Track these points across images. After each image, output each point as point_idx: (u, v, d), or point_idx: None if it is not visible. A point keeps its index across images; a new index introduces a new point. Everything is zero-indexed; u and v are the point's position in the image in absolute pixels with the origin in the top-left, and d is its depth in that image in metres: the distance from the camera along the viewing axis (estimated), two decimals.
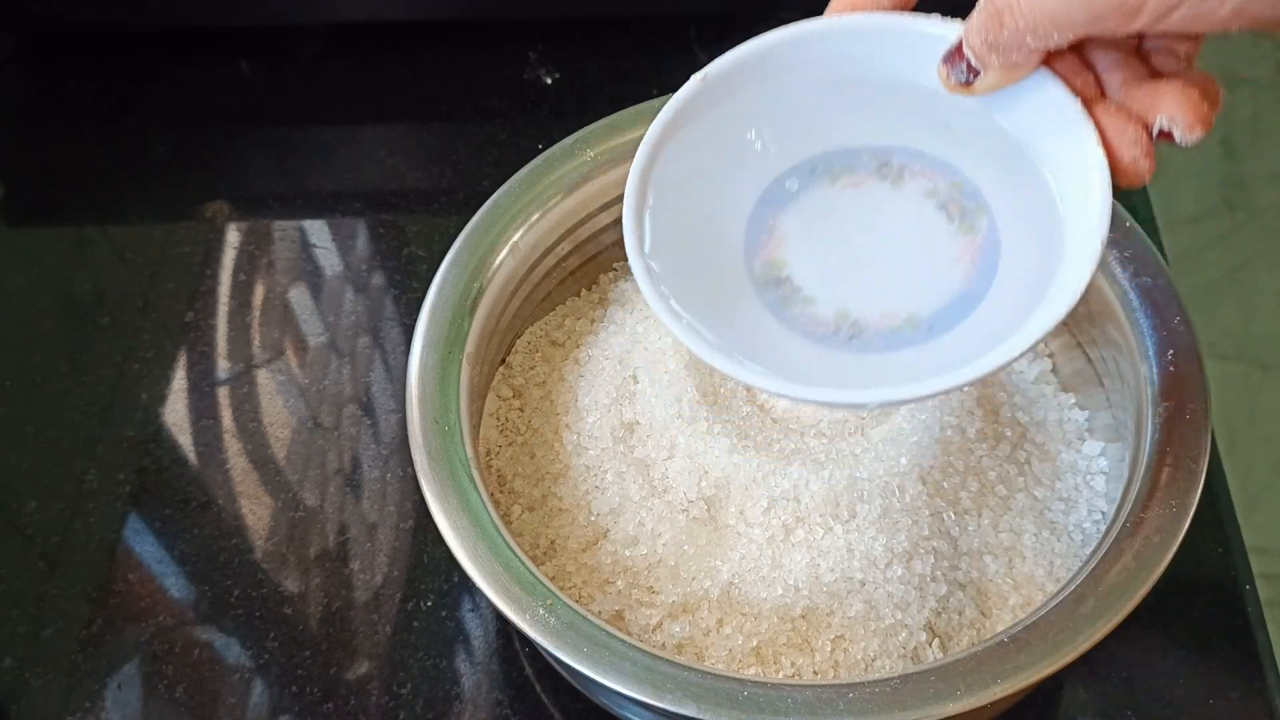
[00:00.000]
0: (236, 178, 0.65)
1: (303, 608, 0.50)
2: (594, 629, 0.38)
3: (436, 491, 0.41)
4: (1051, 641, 0.36)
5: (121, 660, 0.49)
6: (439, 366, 0.44)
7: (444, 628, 0.49)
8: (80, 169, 0.66)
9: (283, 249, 0.62)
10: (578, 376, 0.49)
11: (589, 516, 0.45)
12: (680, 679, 0.36)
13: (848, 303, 0.37)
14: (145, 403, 0.56)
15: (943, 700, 0.35)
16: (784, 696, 0.36)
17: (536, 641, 0.38)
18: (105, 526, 0.52)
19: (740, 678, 0.37)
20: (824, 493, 0.43)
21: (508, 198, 0.48)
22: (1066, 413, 0.48)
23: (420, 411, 0.42)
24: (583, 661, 0.37)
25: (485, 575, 0.39)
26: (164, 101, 0.69)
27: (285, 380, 0.57)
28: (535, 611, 0.38)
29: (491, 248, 0.47)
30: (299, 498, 0.53)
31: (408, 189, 0.64)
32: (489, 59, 0.69)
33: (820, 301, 0.37)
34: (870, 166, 0.38)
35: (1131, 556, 0.38)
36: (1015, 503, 0.45)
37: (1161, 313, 0.43)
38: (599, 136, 0.49)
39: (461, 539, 0.39)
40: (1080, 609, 0.37)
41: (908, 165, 0.38)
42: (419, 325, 0.45)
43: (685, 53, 0.69)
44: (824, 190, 0.38)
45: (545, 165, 0.49)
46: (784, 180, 0.38)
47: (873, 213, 0.37)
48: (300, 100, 0.69)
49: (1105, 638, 0.37)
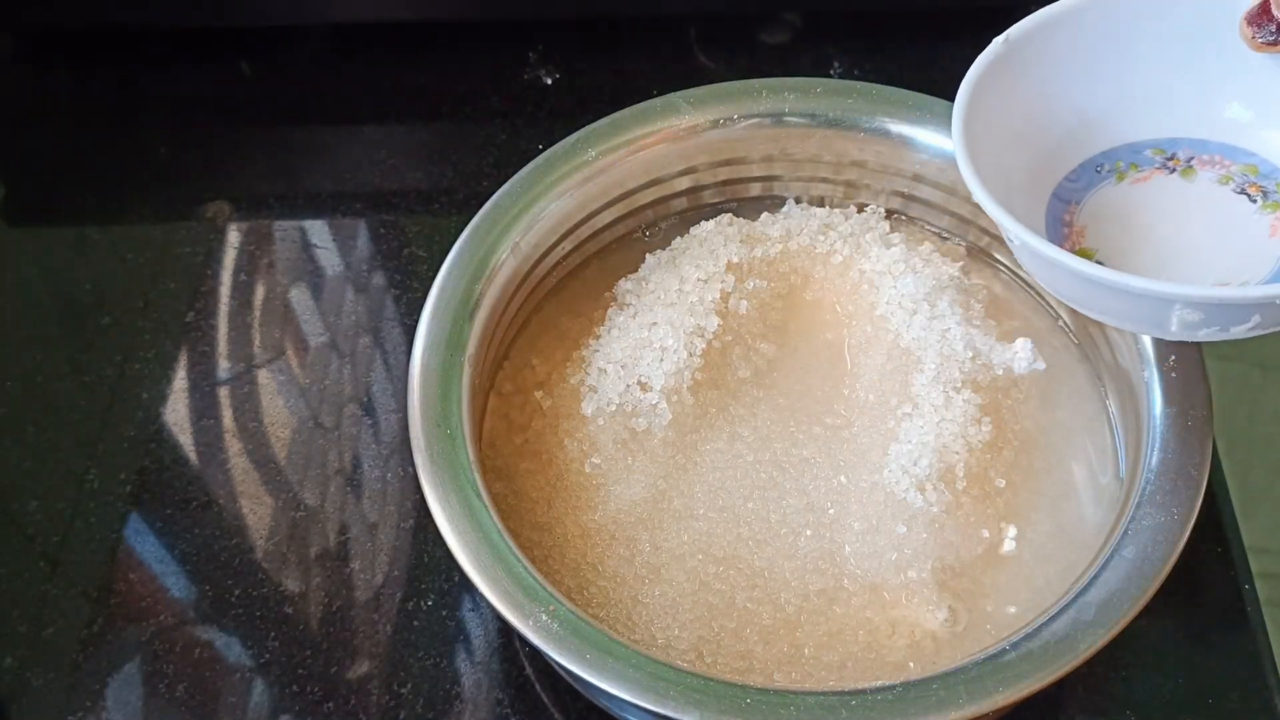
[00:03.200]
0: (237, 178, 0.65)
1: (303, 607, 0.50)
2: (597, 635, 0.38)
3: (439, 496, 0.41)
4: (1053, 649, 0.36)
5: (122, 660, 0.49)
6: (440, 369, 0.44)
7: (444, 627, 0.49)
8: (80, 169, 0.66)
9: (283, 249, 0.62)
10: (579, 376, 0.49)
11: (591, 517, 0.45)
12: (684, 685, 0.36)
13: None
14: (146, 402, 0.56)
15: (945, 708, 0.36)
16: (787, 703, 0.36)
17: (540, 648, 0.38)
18: (106, 526, 0.53)
19: (744, 684, 0.37)
20: (827, 487, 0.44)
21: (508, 198, 0.48)
22: (1062, 415, 0.48)
23: (422, 415, 0.42)
24: (586, 668, 0.37)
25: (488, 580, 0.39)
26: (164, 101, 0.69)
27: (286, 380, 0.57)
28: (538, 617, 0.38)
29: (493, 248, 0.47)
30: (299, 497, 0.53)
31: (408, 189, 0.64)
32: (489, 59, 0.69)
33: None
34: (1155, 162, 0.38)
35: (1133, 563, 0.38)
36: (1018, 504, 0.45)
37: None
38: (600, 136, 0.49)
39: (464, 544, 0.39)
40: (1082, 616, 0.37)
41: (1195, 155, 0.38)
42: (420, 327, 0.45)
43: (685, 53, 0.69)
44: (1110, 189, 0.38)
45: (546, 165, 0.49)
46: (1070, 177, 0.38)
47: (1170, 204, 0.37)
48: (300, 100, 0.69)
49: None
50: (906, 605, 0.42)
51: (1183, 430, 0.40)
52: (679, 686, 0.36)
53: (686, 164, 0.52)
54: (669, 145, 0.50)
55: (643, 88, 0.58)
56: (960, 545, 0.43)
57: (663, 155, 0.51)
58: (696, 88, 0.51)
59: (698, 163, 0.52)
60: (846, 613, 0.42)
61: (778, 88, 0.51)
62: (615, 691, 0.36)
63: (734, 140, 0.51)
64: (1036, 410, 0.48)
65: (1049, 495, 0.45)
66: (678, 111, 0.50)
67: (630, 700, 0.36)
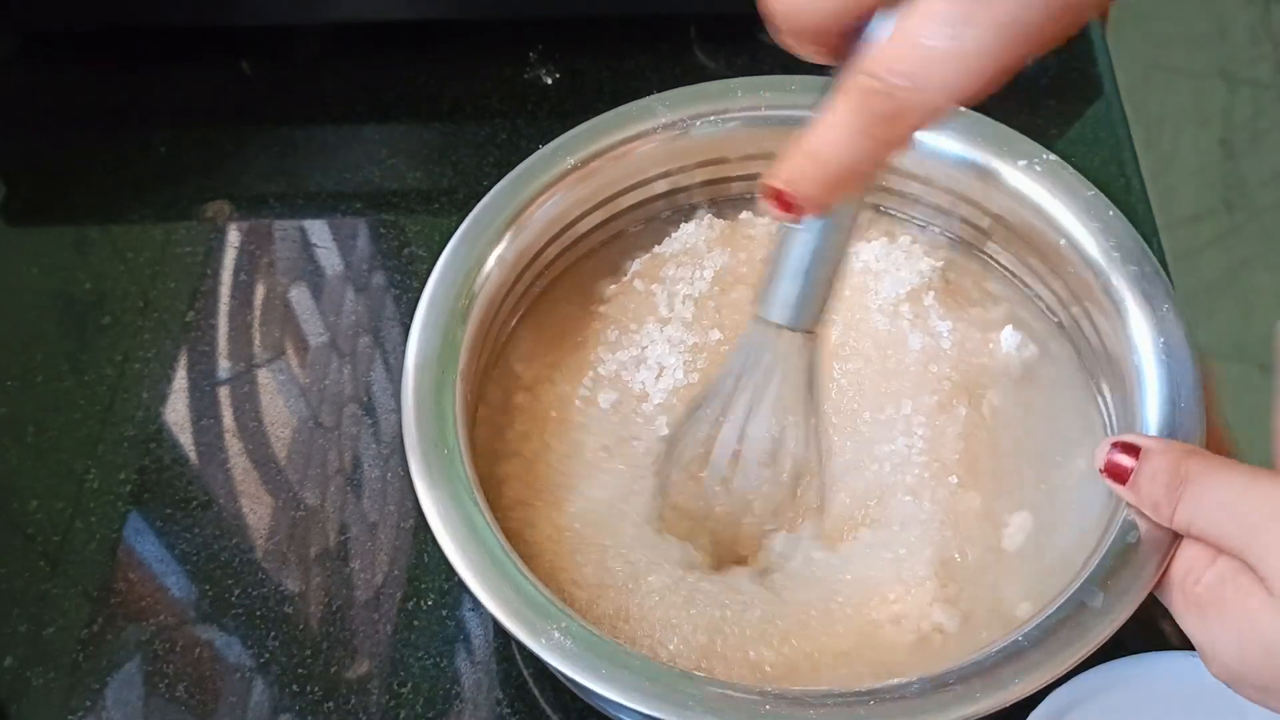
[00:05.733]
0: (237, 178, 0.65)
1: (303, 607, 0.50)
2: (612, 648, 0.37)
3: (441, 514, 0.40)
4: (1063, 638, 0.37)
5: (122, 659, 0.49)
6: (434, 388, 0.43)
7: (444, 627, 0.49)
8: (81, 169, 0.66)
9: (283, 249, 0.62)
10: (573, 384, 0.49)
11: (584, 524, 0.45)
12: (700, 696, 0.36)
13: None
14: (146, 402, 0.56)
15: (963, 703, 0.36)
16: (804, 712, 0.36)
17: (553, 666, 0.37)
18: (106, 526, 0.53)
19: (761, 690, 0.36)
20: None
21: (489, 213, 0.48)
22: (1053, 403, 0.48)
23: (419, 434, 0.42)
24: (602, 683, 0.37)
25: (498, 601, 0.38)
26: (164, 101, 0.69)
27: (286, 380, 0.57)
28: (550, 635, 0.38)
29: (479, 260, 0.47)
30: (299, 497, 0.53)
31: (408, 189, 0.64)
32: (489, 59, 0.69)
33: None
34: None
35: (1134, 549, 0.38)
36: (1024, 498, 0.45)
37: (1150, 301, 0.43)
38: (579, 142, 0.49)
39: (470, 564, 0.39)
40: (1090, 602, 0.37)
41: None
42: (410, 345, 0.44)
43: (685, 53, 0.69)
44: None
45: (527, 174, 0.49)
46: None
47: None
48: (300, 100, 0.69)
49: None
50: (908, 601, 0.42)
51: (1174, 414, 0.41)
52: (696, 697, 0.36)
53: (665, 166, 0.51)
54: (648, 148, 0.50)
55: (643, 87, 0.58)
56: (958, 539, 0.43)
57: (642, 159, 0.51)
58: (672, 90, 0.51)
59: (676, 165, 0.52)
60: (847, 614, 0.42)
61: (752, 87, 0.51)
62: (636, 706, 0.36)
63: (716, 140, 0.51)
64: (1027, 399, 0.47)
65: (1046, 485, 0.45)
66: (654, 114, 0.50)
67: (649, 713, 0.36)
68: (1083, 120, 0.65)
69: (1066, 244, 0.46)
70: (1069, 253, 0.46)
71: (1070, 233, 0.46)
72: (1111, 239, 0.45)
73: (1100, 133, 0.64)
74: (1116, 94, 0.66)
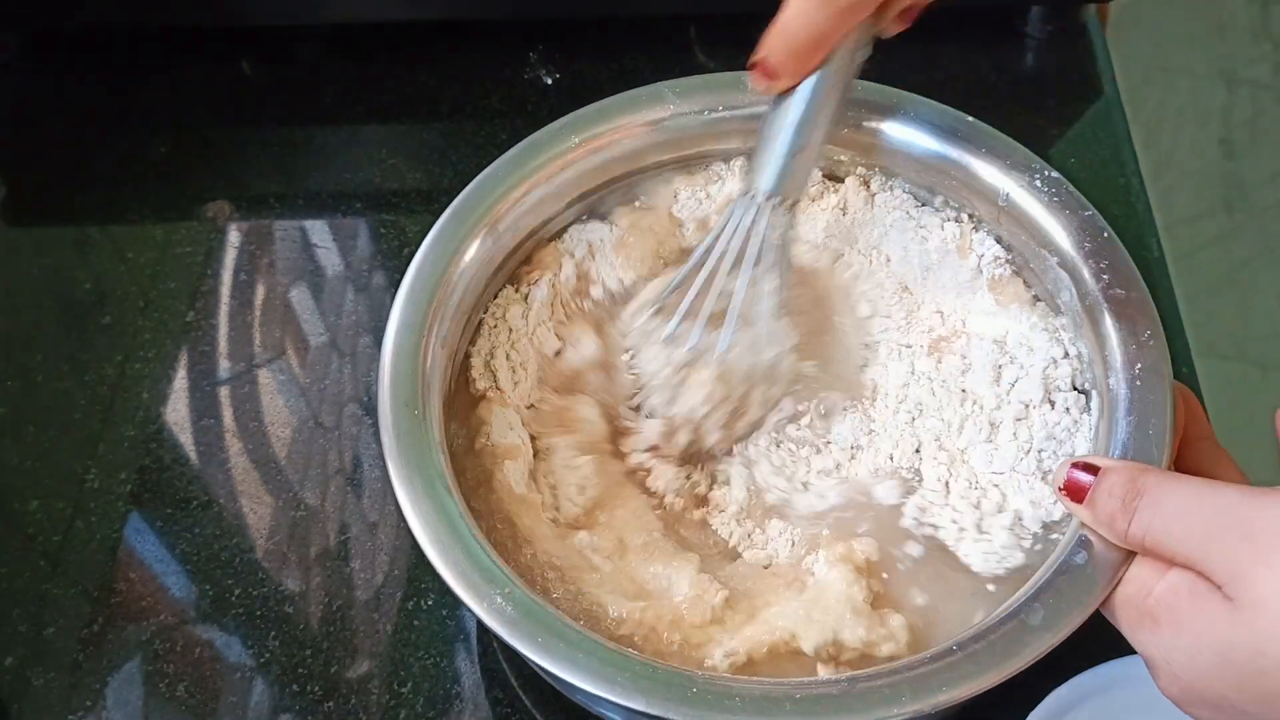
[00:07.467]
0: (237, 178, 0.65)
1: (304, 606, 0.50)
2: (552, 618, 0.38)
3: (403, 476, 0.40)
4: (1000, 652, 0.37)
5: (123, 659, 0.49)
6: (411, 351, 0.43)
7: (444, 626, 0.49)
8: (81, 169, 0.66)
9: (283, 249, 0.62)
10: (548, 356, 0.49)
11: (563, 503, 0.45)
12: (631, 671, 0.36)
13: None
14: (146, 402, 0.56)
15: (888, 704, 0.36)
16: (732, 693, 0.36)
17: (491, 628, 0.38)
18: (107, 525, 0.53)
19: (691, 673, 0.37)
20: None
21: (478, 194, 0.48)
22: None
23: (392, 392, 0.42)
24: (538, 651, 0.37)
25: (448, 563, 0.39)
26: (164, 101, 0.69)
27: (286, 379, 0.57)
28: (493, 600, 0.38)
29: (468, 235, 0.47)
30: (300, 497, 0.53)
31: (408, 189, 0.64)
32: (489, 59, 0.69)
33: None
34: None
35: (1081, 570, 0.38)
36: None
37: (1133, 326, 0.43)
38: (548, 142, 0.50)
39: (426, 524, 0.39)
40: (1030, 620, 0.37)
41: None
42: (394, 308, 0.44)
43: (685, 53, 0.69)
44: None
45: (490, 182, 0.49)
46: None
47: None
48: (300, 100, 0.69)
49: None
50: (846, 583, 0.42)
51: (1143, 440, 0.40)
52: (627, 673, 0.36)
53: (656, 157, 0.51)
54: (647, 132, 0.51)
55: None
56: (905, 539, 0.44)
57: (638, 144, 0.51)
58: (681, 79, 0.51)
59: (668, 155, 0.52)
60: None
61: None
62: (565, 676, 0.36)
63: (711, 131, 0.51)
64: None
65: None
66: (662, 100, 0.50)
67: (579, 685, 0.36)
68: (1083, 120, 0.65)
69: (1059, 263, 0.46)
70: (1059, 272, 0.46)
71: (1064, 252, 0.46)
72: (1104, 261, 0.45)
73: (1100, 133, 0.64)
74: (1116, 94, 0.66)
